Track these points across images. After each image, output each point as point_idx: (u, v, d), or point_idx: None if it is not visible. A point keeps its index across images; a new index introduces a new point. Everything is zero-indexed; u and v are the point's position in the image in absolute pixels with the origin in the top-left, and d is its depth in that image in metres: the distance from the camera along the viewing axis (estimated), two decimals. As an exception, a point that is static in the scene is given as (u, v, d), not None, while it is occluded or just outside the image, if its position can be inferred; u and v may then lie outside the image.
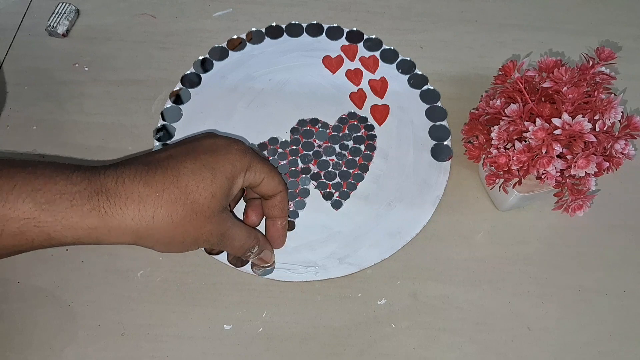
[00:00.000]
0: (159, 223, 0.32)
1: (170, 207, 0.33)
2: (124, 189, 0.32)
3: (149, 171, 0.33)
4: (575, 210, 0.43)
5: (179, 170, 0.34)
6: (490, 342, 0.43)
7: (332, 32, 0.57)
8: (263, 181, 0.38)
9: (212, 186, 0.34)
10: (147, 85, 0.54)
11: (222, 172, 0.35)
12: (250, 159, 0.37)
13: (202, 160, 0.35)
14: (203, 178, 0.34)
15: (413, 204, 0.48)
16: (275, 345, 0.42)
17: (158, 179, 0.33)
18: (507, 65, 0.44)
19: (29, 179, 0.31)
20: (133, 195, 0.32)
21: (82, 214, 0.31)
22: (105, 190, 0.32)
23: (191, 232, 0.34)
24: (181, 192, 0.33)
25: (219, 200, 0.35)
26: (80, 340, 0.42)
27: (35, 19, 0.57)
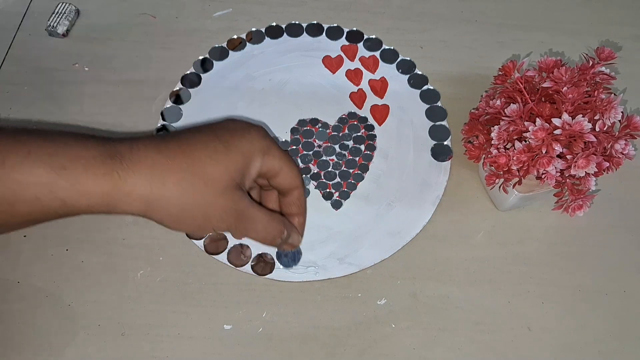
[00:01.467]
0: (169, 190, 0.32)
1: (180, 174, 0.32)
2: (137, 154, 0.32)
3: (163, 141, 0.33)
4: (575, 210, 0.43)
5: (193, 139, 0.34)
6: (490, 342, 0.43)
7: (332, 32, 0.57)
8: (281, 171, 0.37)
9: (225, 159, 0.34)
10: (147, 85, 0.54)
11: (237, 148, 0.34)
12: (269, 143, 0.36)
13: (218, 135, 0.34)
14: (216, 150, 0.33)
15: (413, 204, 0.48)
16: (275, 345, 0.42)
17: (171, 147, 0.33)
18: (507, 65, 0.44)
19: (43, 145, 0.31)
20: (146, 160, 0.32)
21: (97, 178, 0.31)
22: (120, 155, 0.32)
23: (201, 203, 0.33)
24: (192, 161, 0.33)
25: (231, 175, 0.34)
26: (80, 340, 0.42)
27: (35, 19, 0.57)
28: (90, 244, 0.46)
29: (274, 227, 0.38)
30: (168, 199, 0.32)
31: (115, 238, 0.46)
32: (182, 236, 0.46)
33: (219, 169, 0.33)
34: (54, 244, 0.46)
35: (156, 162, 0.32)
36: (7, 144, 0.30)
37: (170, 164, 0.32)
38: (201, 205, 0.33)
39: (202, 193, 0.33)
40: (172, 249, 0.46)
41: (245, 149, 0.34)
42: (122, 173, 0.31)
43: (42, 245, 0.46)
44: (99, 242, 0.46)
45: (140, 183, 0.32)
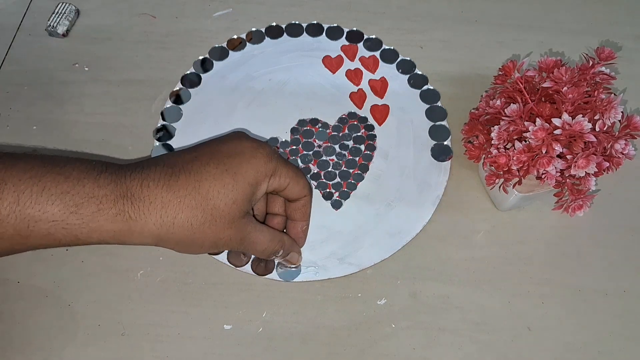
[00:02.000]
0: (179, 227, 0.33)
1: (190, 212, 0.33)
2: (148, 193, 0.33)
3: (173, 175, 0.34)
4: (575, 210, 0.43)
5: (202, 174, 0.34)
6: (490, 342, 0.43)
7: (332, 32, 0.57)
8: (288, 186, 0.38)
9: (233, 192, 0.34)
10: (147, 85, 0.54)
11: (245, 178, 0.35)
12: (275, 164, 0.37)
13: (226, 164, 0.35)
14: (225, 184, 0.34)
15: (413, 204, 0.48)
16: (275, 345, 0.42)
17: (181, 184, 0.33)
18: (507, 65, 0.44)
19: (58, 181, 0.31)
20: (156, 200, 0.33)
21: (108, 217, 0.32)
22: (131, 194, 0.32)
23: (210, 236, 0.35)
24: (202, 198, 0.33)
25: (239, 206, 0.35)
26: (80, 340, 0.42)
27: (35, 19, 0.57)
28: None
29: (272, 248, 0.39)
30: (178, 234, 0.34)
31: (115, 238, 0.46)
32: (182, 236, 0.46)
33: (227, 202, 0.34)
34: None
35: (166, 202, 0.33)
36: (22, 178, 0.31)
37: (180, 203, 0.33)
38: (209, 237, 0.35)
39: (211, 227, 0.34)
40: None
41: (252, 177, 0.35)
42: (132, 214, 0.32)
43: (42, 245, 0.46)
44: (99, 242, 0.46)
45: (151, 222, 0.33)
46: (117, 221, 0.32)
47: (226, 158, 0.35)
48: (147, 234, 0.33)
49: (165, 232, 0.33)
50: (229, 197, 0.34)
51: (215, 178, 0.34)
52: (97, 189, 0.32)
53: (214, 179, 0.34)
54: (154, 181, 0.33)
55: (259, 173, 0.36)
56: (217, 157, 0.35)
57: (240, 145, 0.36)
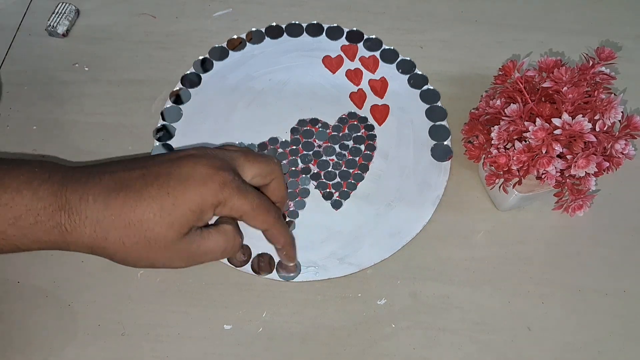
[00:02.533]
0: (111, 244, 0.33)
1: (122, 231, 0.33)
2: (85, 207, 0.33)
3: (113, 191, 0.33)
4: (575, 210, 0.43)
5: (141, 195, 0.33)
6: (490, 342, 0.43)
7: (332, 32, 0.57)
8: (242, 218, 0.37)
9: (170, 216, 0.33)
10: (147, 85, 0.54)
11: (186, 204, 0.34)
12: (225, 196, 0.34)
13: (169, 187, 0.34)
14: (163, 207, 0.33)
15: (413, 204, 0.48)
16: (275, 345, 0.42)
17: (119, 202, 0.33)
18: (507, 65, 0.44)
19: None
20: (92, 215, 0.33)
21: (46, 230, 0.33)
22: (69, 207, 0.33)
23: (144, 256, 0.35)
24: (137, 219, 0.33)
25: (177, 229, 0.34)
26: (80, 340, 0.42)
27: (35, 19, 0.57)
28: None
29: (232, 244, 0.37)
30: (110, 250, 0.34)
31: (115, 238, 0.46)
32: (182, 236, 0.46)
33: (163, 226, 0.33)
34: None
35: (101, 218, 0.33)
36: None
37: (114, 221, 0.33)
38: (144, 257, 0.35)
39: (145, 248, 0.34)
40: (172, 249, 0.46)
41: (195, 204, 0.34)
42: (68, 226, 0.33)
43: (42, 245, 0.46)
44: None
45: (85, 235, 0.33)
46: (53, 234, 0.33)
47: (172, 181, 0.34)
48: (81, 245, 0.34)
49: (97, 245, 0.33)
50: (165, 221, 0.33)
51: (154, 200, 0.33)
52: (36, 201, 0.32)
53: (153, 201, 0.33)
54: (93, 196, 0.33)
55: (204, 202, 0.34)
56: (162, 179, 0.34)
57: (193, 171, 0.35)
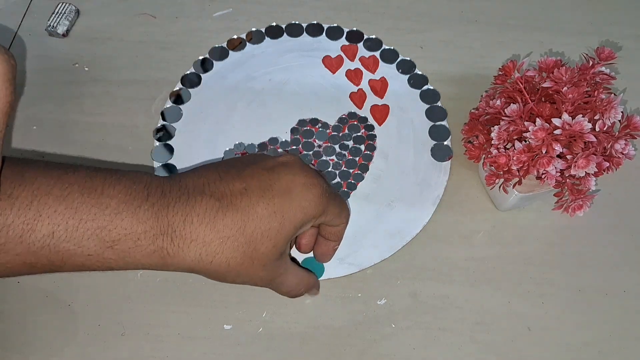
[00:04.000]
0: (216, 266, 0.32)
1: (230, 254, 0.32)
2: (190, 230, 0.31)
3: (219, 210, 0.32)
4: (575, 210, 0.43)
5: (249, 215, 0.32)
6: (490, 342, 0.43)
7: (332, 32, 0.57)
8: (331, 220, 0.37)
9: (276, 237, 0.33)
10: (147, 85, 0.54)
11: (292, 221, 0.33)
12: (325, 206, 0.35)
13: (275, 205, 0.33)
14: (271, 227, 0.33)
15: (413, 204, 0.48)
16: (275, 345, 0.42)
17: (226, 223, 0.32)
18: (507, 65, 0.44)
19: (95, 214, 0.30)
20: (198, 239, 0.31)
21: (146, 254, 0.31)
22: (172, 230, 0.31)
23: (243, 275, 0.34)
24: (245, 241, 0.32)
25: (279, 249, 0.34)
26: (80, 340, 0.42)
27: (35, 19, 0.57)
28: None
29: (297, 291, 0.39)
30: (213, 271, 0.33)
31: (115, 238, 0.46)
32: (182, 236, 0.46)
33: (268, 246, 0.33)
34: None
35: (208, 241, 0.32)
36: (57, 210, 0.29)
37: (223, 244, 0.32)
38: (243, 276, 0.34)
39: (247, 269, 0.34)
40: (172, 249, 0.46)
41: (299, 219, 0.34)
42: (171, 251, 0.31)
43: (42, 245, 0.46)
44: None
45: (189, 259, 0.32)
46: (153, 257, 0.31)
47: (277, 197, 0.33)
48: (184, 267, 0.32)
49: (201, 268, 0.32)
50: (270, 241, 0.33)
51: (262, 220, 0.32)
52: (136, 224, 0.30)
53: (261, 221, 0.32)
54: (198, 217, 0.31)
55: (306, 216, 0.34)
56: (268, 195, 0.33)
57: (293, 183, 0.34)
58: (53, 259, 0.30)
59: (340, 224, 0.39)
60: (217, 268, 0.33)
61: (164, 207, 0.31)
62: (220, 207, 0.32)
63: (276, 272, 0.36)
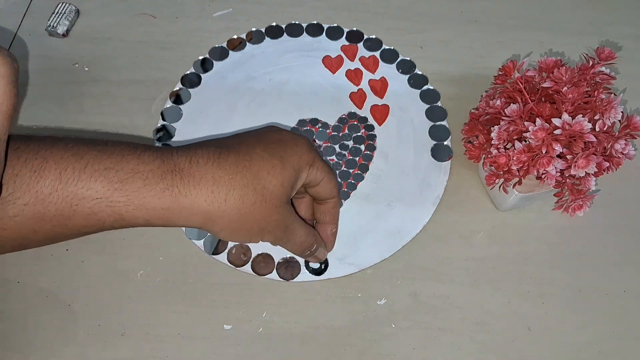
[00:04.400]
0: (231, 206, 0.32)
1: (242, 190, 0.32)
2: (197, 169, 0.32)
3: (222, 154, 0.33)
4: (575, 210, 0.43)
5: (251, 155, 0.34)
6: (490, 342, 0.43)
7: (332, 32, 0.57)
8: (322, 181, 0.38)
9: (281, 174, 0.34)
10: (147, 85, 0.54)
11: (290, 163, 0.35)
12: (314, 155, 0.37)
13: (273, 148, 0.35)
14: (273, 165, 0.34)
15: (413, 204, 0.48)
16: (275, 345, 0.42)
17: (231, 162, 0.33)
18: (507, 65, 0.44)
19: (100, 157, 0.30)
20: (207, 176, 0.32)
21: (156, 193, 0.30)
22: (179, 169, 0.31)
23: (259, 219, 0.34)
24: (253, 177, 0.33)
25: (286, 189, 0.34)
26: (80, 340, 0.42)
27: (35, 19, 0.57)
28: (90, 244, 0.46)
29: (309, 241, 0.39)
30: (228, 214, 0.32)
31: (115, 238, 0.46)
32: (182, 236, 0.46)
33: (277, 184, 0.34)
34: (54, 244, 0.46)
35: (217, 178, 0.32)
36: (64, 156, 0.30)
37: (232, 180, 0.32)
38: (259, 220, 0.34)
39: (261, 209, 0.33)
40: (172, 249, 0.46)
41: (296, 162, 0.35)
42: (182, 188, 0.31)
43: (42, 245, 0.46)
44: (99, 242, 0.46)
45: (202, 199, 0.31)
46: (164, 197, 0.30)
47: (272, 143, 0.35)
48: (196, 211, 0.31)
49: (216, 209, 0.32)
50: (277, 179, 0.34)
51: (264, 159, 0.34)
52: (143, 165, 0.31)
53: (263, 160, 0.34)
54: (203, 158, 0.32)
55: (301, 160, 0.35)
56: (264, 142, 0.35)
57: (282, 135, 0.36)
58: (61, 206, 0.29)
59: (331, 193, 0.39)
60: (232, 209, 0.32)
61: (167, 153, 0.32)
62: (222, 152, 0.33)
63: (289, 217, 0.36)
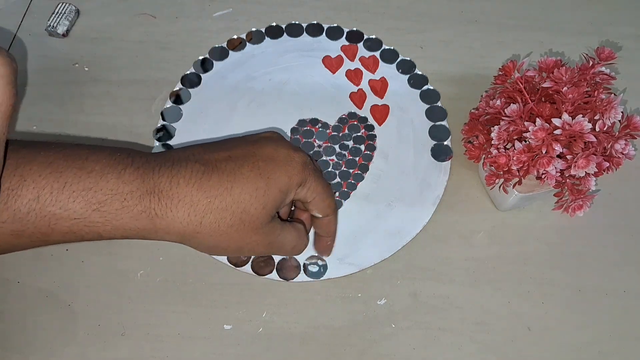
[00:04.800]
0: (206, 228, 0.32)
1: (219, 214, 0.32)
2: (177, 191, 0.31)
3: (205, 173, 0.32)
4: (575, 210, 0.43)
5: (235, 176, 0.33)
6: (490, 342, 0.43)
7: (332, 32, 0.57)
8: (314, 200, 0.37)
9: (264, 197, 0.33)
10: (147, 85, 0.54)
11: (277, 184, 0.34)
12: (307, 175, 0.35)
13: (260, 168, 0.34)
14: (257, 188, 0.33)
15: (413, 204, 0.48)
16: (275, 345, 0.42)
17: (213, 184, 0.32)
18: (507, 65, 0.44)
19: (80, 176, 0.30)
20: (185, 199, 0.31)
21: (133, 215, 0.31)
22: (158, 191, 0.31)
23: (236, 240, 0.34)
24: (233, 201, 0.32)
25: (268, 211, 0.34)
26: (80, 340, 0.42)
27: (35, 19, 0.57)
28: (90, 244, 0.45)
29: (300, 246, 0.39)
30: (204, 235, 0.32)
31: (115, 238, 0.46)
32: (182, 236, 0.46)
33: (257, 207, 0.33)
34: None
35: (195, 201, 0.32)
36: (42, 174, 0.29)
37: (210, 204, 0.32)
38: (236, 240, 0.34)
39: (238, 231, 0.33)
40: (172, 249, 0.46)
41: (284, 184, 0.34)
42: (159, 211, 0.31)
43: (42, 245, 0.46)
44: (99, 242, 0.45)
45: (177, 221, 0.31)
46: (141, 219, 0.31)
47: (261, 162, 0.34)
48: (173, 231, 0.32)
49: (191, 231, 0.32)
50: (259, 202, 0.33)
51: (249, 181, 0.33)
52: (122, 185, 0.31)
53: (247, 182, 0.33)
54: (184, 179, 0.32)
55: (291, 180, 0.34)
56: (252, 160, 0.34)
57: (276, 151, 0.35)
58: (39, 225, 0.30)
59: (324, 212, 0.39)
60: (207, 231, 0.32)
61: (149, 170, 0.32)
62: (205, 171, 0.32)
63: (271, 234, 0.35)
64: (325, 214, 0.39)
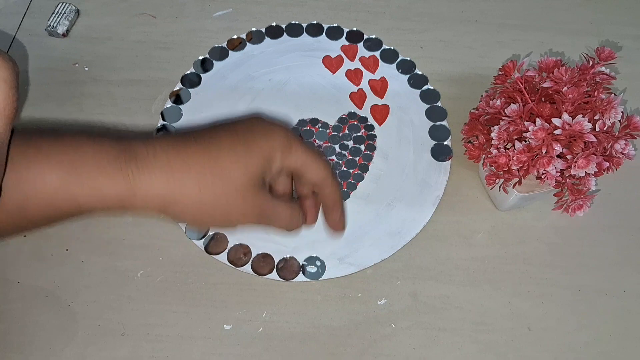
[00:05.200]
0: (187, 190, 0.31)
1: (199, 175, 0.32)
2: (154, 156, 0.31)
3: (182, 142, 0.32)
4: (575, 210, 0.43)
5: (213, 142, 0.33)
6: (490, 342, 0.43)
7: (332, 32, 0.57)
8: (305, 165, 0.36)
9: (244, 160, 0.33)
10: (147, 85, 0.54)
11: (258, 150, 0.33)
12: (290, 141, 0.35)
13: (239, 134, 0.34)
14: (236, 151, 0.33)
15: (413, 204, 0.48)
16: (275, 345, 0.42)
17: (191, 151, 0.32)
18: (507, 65, 0.44)
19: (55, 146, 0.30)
20: (162, 161, 0.31)
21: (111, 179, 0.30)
22: (135, 156, 0.31)
23: (221, 203, 0.33)
24: (212, 161, 0.32)
25: (250, 175, 0.33)
26: (80, 340, 0.42)
27: (35, 19, 0.57)
28: (90, 244, 0.46)
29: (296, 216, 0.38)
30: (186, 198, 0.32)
31: (115, 238, 0.46)
32: (182, 236, 0.46)
33: (238, 169, 0.33)
34: (54, 244, 0.46)
35: (172, 164, 0.31)
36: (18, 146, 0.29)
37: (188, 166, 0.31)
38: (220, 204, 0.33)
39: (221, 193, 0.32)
40: (172, 249, 0.46)
41: (266, 148, 0.34)
42: (137, 173, 0.31)
43: (42, 245, 0.46)
44: (99, 242, 0.46)
45: (157, 183, 0.31)
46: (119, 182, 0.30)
47: (240, 132, 0.34)
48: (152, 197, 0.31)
49: (171, 195, 0.31)
50: (240, 164, 0.33)
51: (227, 145, 0.33)
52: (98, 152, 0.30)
53: (226, 148, 0.33)
54: (162, 147, 0.32)
55: (273, 146, 0.34)
56: (230, 132, 0.34)
57: (257, 123, 0.35)
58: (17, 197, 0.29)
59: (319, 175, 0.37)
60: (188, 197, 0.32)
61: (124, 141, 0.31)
62: (183, 140, 0.32)
63: (261, 204, 0.35)
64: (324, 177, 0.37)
